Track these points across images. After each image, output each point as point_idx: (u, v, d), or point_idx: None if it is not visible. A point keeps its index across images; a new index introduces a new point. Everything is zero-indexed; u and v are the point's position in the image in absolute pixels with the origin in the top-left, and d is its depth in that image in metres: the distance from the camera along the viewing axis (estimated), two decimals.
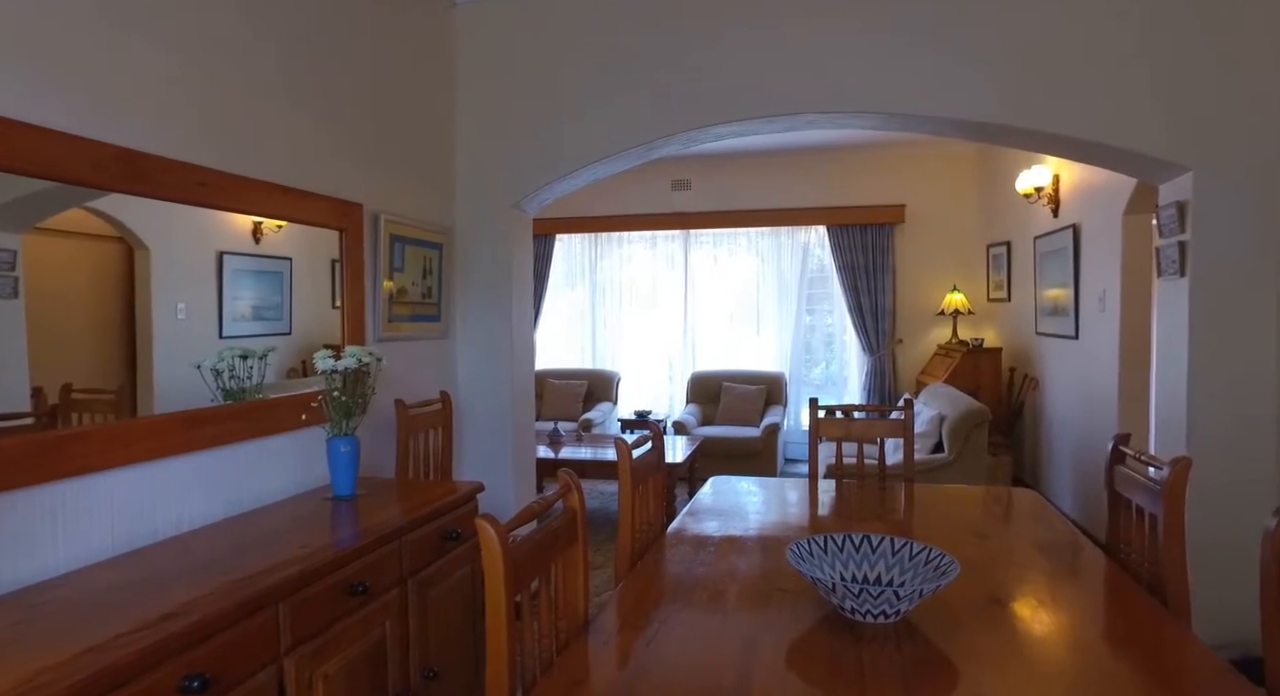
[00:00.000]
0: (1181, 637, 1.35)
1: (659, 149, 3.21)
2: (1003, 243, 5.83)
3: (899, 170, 6.48)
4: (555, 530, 1.34)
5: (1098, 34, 2.67)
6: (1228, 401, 2.61)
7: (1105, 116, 2.67)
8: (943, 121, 2.86)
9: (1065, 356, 4.61)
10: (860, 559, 1.57)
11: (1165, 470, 1.55)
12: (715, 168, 6.82)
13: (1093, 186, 4.13)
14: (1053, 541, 1.92)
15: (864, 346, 6.56)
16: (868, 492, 2.47)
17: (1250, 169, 2.56)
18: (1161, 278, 2.85)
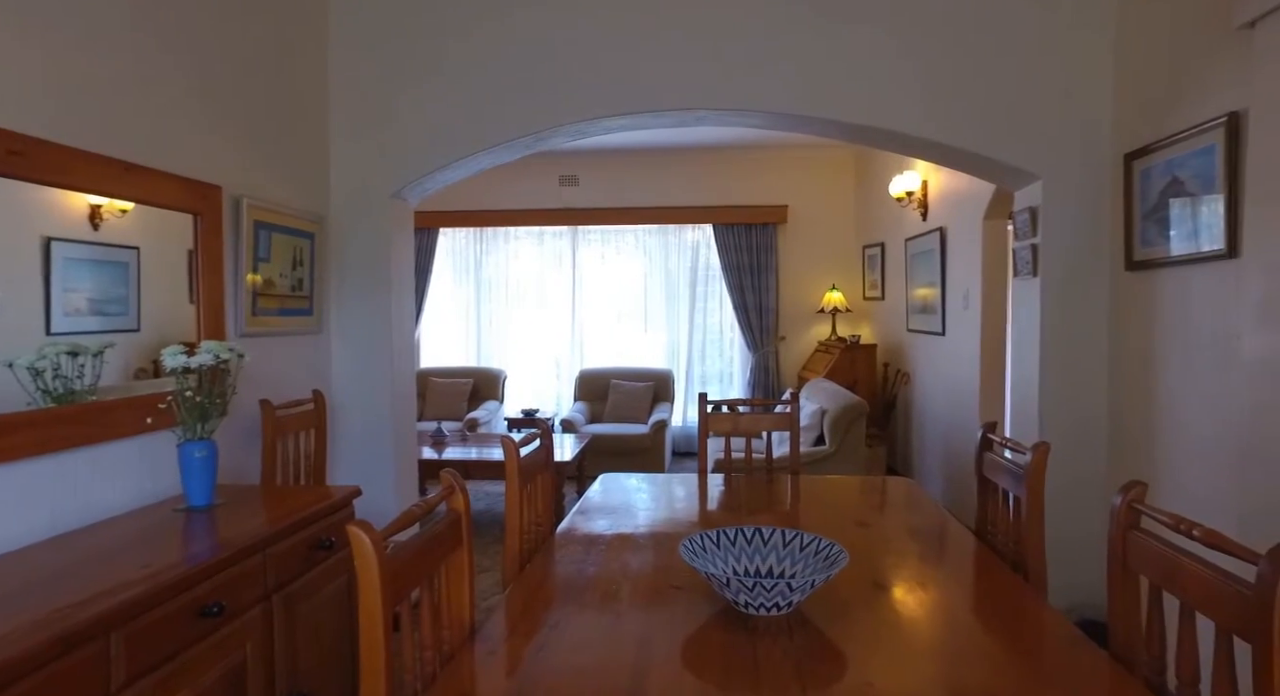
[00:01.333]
0: (1040, 610, 1.44)
1: (548, 139, 3.13)
2: (877, 244, 6.14)
3: (782, 172, 6.69)
4: (438, 534, 1.25)
5: (961, 58, 2.83)
6: (1071, 391, 2.84)
7: (973, 127, 2.84)
8: (828, 123, 2.95)
9: (934, 352, 4.91)
10: (752, 552, 1.57)
11: (1027, 455, 1.65)
12: (604, 164, 6.79)
13: (957, 192, 4.41)
14: (927, 526, 2.01)
15: (749, 343, 6.73)
16: (755, 485, 2.50)
17: (1085, 178, 2.80)
18: (1017, 277, 3.07)
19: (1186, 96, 2.38)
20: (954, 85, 2.84)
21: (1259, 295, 2.05)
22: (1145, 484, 1.22)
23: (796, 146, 6.45)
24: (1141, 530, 1.21)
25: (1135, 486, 1.22)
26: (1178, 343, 2.42)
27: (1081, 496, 2.78)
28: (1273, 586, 0.91)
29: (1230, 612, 0.99)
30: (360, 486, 2.34)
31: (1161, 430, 2.51)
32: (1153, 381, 2.55)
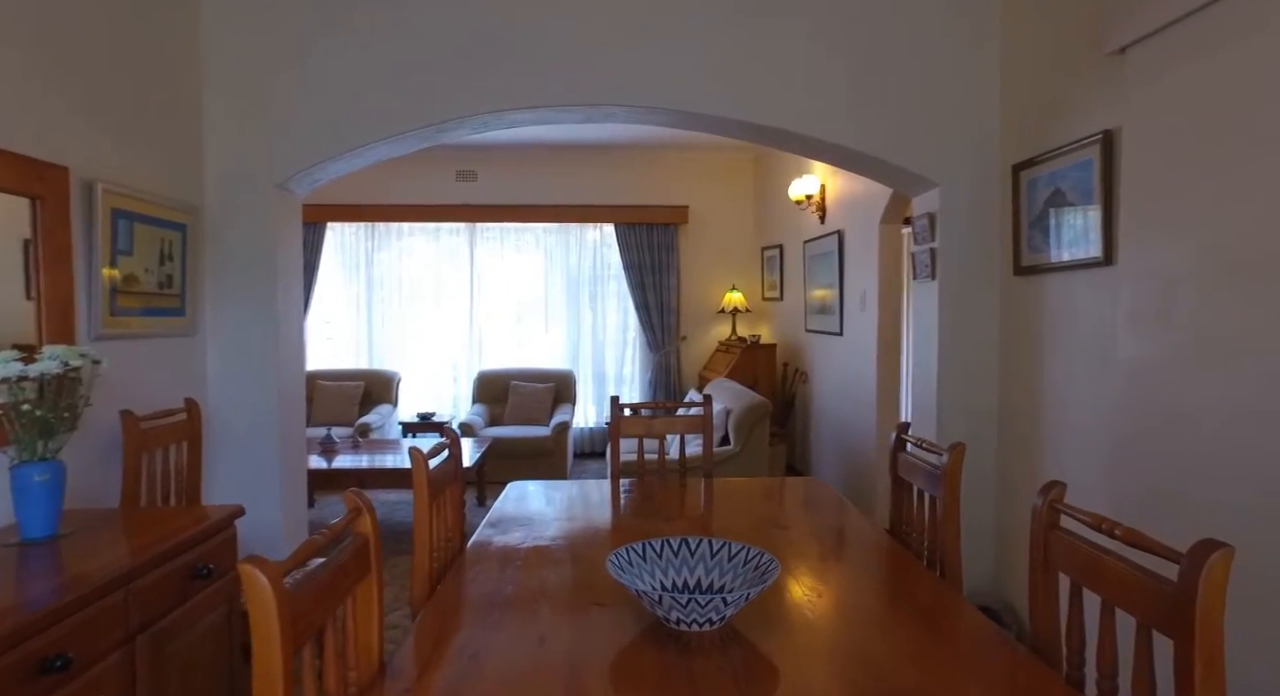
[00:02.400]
0: (962, 608, 1.46)
1: (451, 131, 2.97)
2: (776, 246, 6.28)
3: (683, 173, 6.73)
4: (344, 564, 1.12)
5: (869, 68, 2.91)
6: (965, 388, 2.98)
7: (878, 135, 2.91)
8: (740, 125, 2.95)
9: (832, 352, 5.06)
10: (679, 564, 1.52)
11: (944, 455, 1.69)
12: (502, 160, 6.61)
13: (854, 197, 4.56)
14: (844, 527, 2.03)
15: (650, 343, 6.73)
16: (670, 490, 2.46)
17: (979, 186, 2.94)
18: (916, 280, 3.19)
19: (1067, 114, 2.53)
20: (862, 93, 2.91)
21: (1132, 300, 2.20)
22: (1065, 484, 1.26)
23: (697, 148, 6.50)
24: (1061, 529, 1.25)
25: (1055, 487, 1.26)
26: (1061, 343, 2.58)
27: (974, 487, 2.91)
28: (1194, 583, 0.94)
29: (1151, 608, 1.02)
30: (243, 504, 2.13)
31: (1046, 424, 2.66)
32: (1038, 379, 2.70)
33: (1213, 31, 1.92)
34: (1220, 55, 1.89)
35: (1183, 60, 2.02)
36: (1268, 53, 1.75)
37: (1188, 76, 2.00)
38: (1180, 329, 2.01)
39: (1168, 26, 2.07)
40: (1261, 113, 1.78)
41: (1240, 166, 1.84)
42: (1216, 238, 1.91)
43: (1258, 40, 1.79)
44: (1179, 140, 2.04)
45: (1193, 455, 1.95)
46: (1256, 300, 1.77)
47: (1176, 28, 2.04)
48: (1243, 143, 1.84)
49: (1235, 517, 1.78)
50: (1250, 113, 1.81)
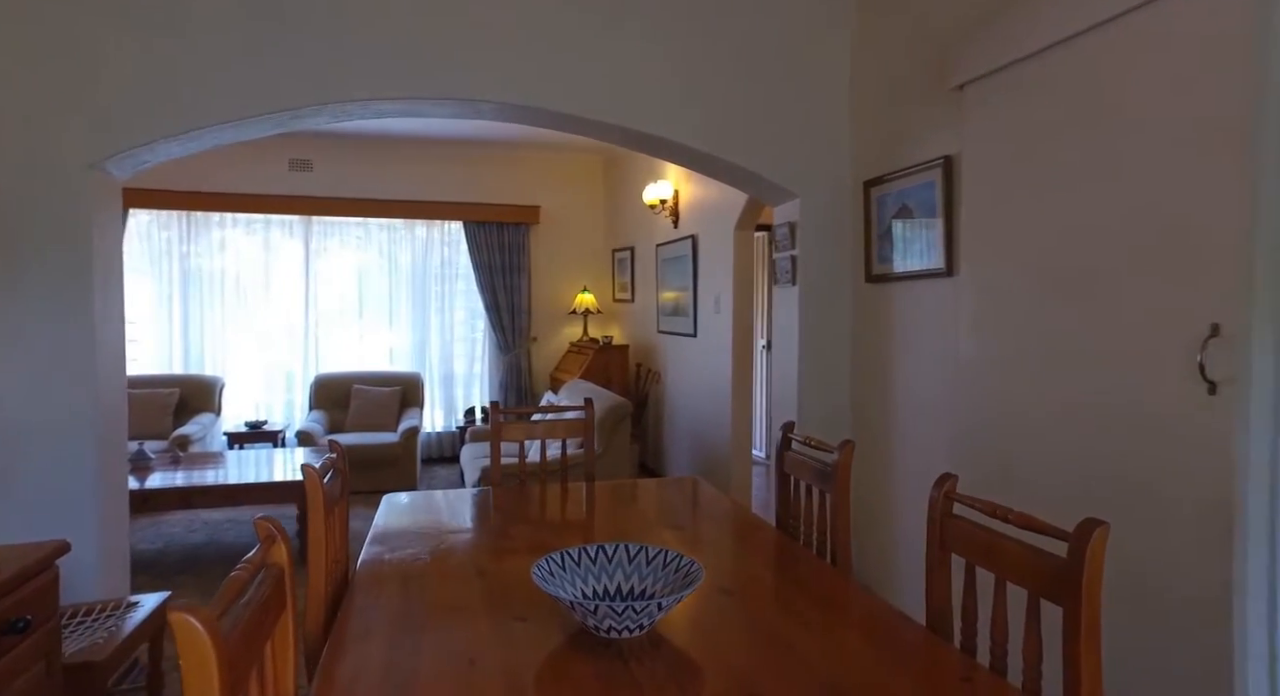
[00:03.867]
0: (859, 594, 1.59)
1: (308, 119, 2.74)
2: (627, 248, 6.40)
3: (535, 172, 6.66)
4: (265, 600, 1.00)
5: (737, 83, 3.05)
6: (823, 385, 3.21)
7: (743, 146, 3.06)
8: (617, 130, 2.97)
9: (685, 352, 5.24)
10: (599, 571, 1.52)
11: (834, 453, 1.81)
12: (342, 150, 6.19)
13: (708, 203, 4.75)
14: (735, 524, 2.12)
15: (500, 344, 6.60)
16: (555, 495, 2.44)
17: (835, 199, 3.19)
18: (778, 285, 3.39)
19: (913, 138, 2.81)
20: (730, 106, 3.04)
21: (971, 308, 2.49)
22: (957, 476, 1.41)
23: (548, 147, 6.47)
24: (955, 516, 1.39)
25: (949, 479, 1.40)
26: (909, 345, 2.85)
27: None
28: (1081, 556, 1.09)
29: (1041, 581, 1.17)
30: (68, 539, 1.83)
31: (895, 419, 2.94)
32: (889, 377, 2.98)
33: (1026, 78, 2.22)
34: (1033, 98, 2.19)
35: (1006, 100, 2.31)
36: (1066, 101, 2.05)
37: (1010, 114, 2.30)
38: (1011, 334, 2.31)
39: (994, 72, 2.36)
40: (1064, 150, 2.08)
41: (1052, 194, 2.14)
42: (1038, 255, 2.20)
43: (1058, 90, 2.09)
44: (1005, 168, 2.33)
45: (1021, 445, 2.25)
46: (1072, 311, 2.07)
47: (1001, 73, 2.33)
48: (1053, 174, 2.14)
49: (1057, 497, 2.07)
50: (1056, 149, 2.11)
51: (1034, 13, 2.18)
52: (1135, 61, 1.90)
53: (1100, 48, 1.99)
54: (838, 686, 1.18)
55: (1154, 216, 1.84)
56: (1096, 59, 2.00)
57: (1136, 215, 1.89)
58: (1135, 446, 1.87)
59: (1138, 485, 1.86)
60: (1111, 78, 1.96)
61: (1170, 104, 1.80)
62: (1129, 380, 1.89)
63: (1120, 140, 1.94)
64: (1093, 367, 2.00)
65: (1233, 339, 1.66)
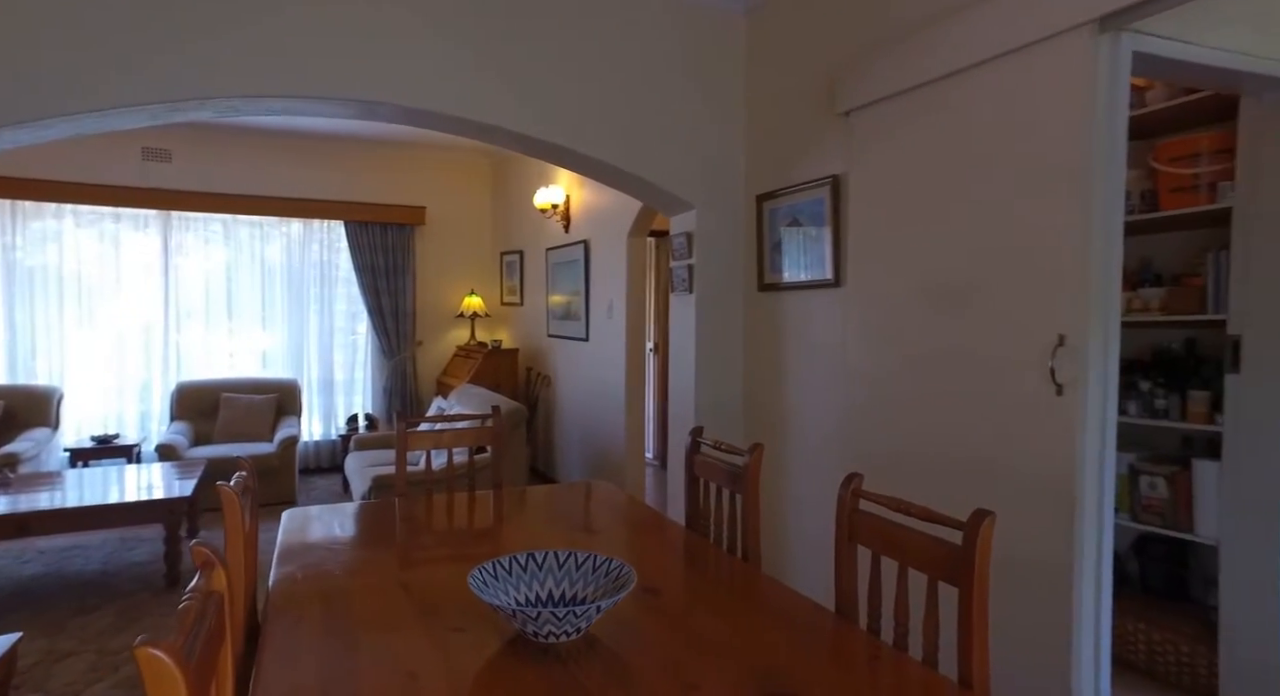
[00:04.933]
0: (769, 583, 1.70)
1: (189, 111, 2.56)
2: (516, 251, 6.36)
3: (420, 172, 6.49)
4: (211, 630, 0.97)
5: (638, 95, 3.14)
6: (718, 388, 3.37)
7: (642, 156, 3.16)
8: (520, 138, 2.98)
9: (577, 357, 5.28)
10: (530, 578, 1.55)
11: (745, 456, 1.93)
12: (206, 140, 5.76)
13: (601, 209, 4.83)
14: (649, 525, 2.20)
15: (384, 349, 6.38)
16: (461, 504, 2.42)
17: (729, 211, 3.35)
18: (674, 293, 3.51)
19: (804, 156, 3.00)
20: (630, 119, 3.13)
21: (857, 317, 2.71)
22: (863, 475, 1.55)
23: (435, 147, 6.32)
24: (861, 511, 1.53)
25: (855, 478, 1.54)
26: (801, 350, 3.05)
27: None
28: (974, 542, 1.25)
29: (940, 566, 1.33)
30: None
31: (787, 419, 3.13)
32: (781, 381, 3.17)
33: (903, 111, 2.45)
34: (910, 129, 2.42)
35: (887, 128, 2.54)
36: (937, 134, 2.29)
37: (891, 142, 2.52)
38: (893, 341, 2.53)
39: (876, 102, 2.58)
40: (938, 178, 2.32)
41: (928, 216, 2.38)
42: (916, 270, 2.44)
43: (930, 124, 2.33)
44: (887, 190, 2.56)
45: (904, 442, 2.47)
46: (946, 321, 2.31)
47: (882, 104, 2.56)
48: (928, 198, 2.38)
49: (936, 486, 2.30)
50: (931, 176, 2.35)
51: (904, 56, 2.41)
52: (989, 105, 2.15)
53: (961, 91, 2.24)
54: (764, 671, 1.28)
55: (1012, 241, 2.09)
56: (959, 100, 2.25)
57: (998, 239, 2.14)
58: (999, 440, 2.12)
59: (1001, 473, 2.11)
60: (972, 118, 2.21)
61: (1022, 145, 2.06)
62: (994, 383, 2.14)
63: (982, 173, 2.18)
64: (964, 372, 2.24)
65: (1074, 348, 1.92)
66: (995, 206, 2.14)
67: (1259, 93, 2.46)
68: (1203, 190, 2.69)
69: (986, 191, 2.17)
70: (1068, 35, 1.91)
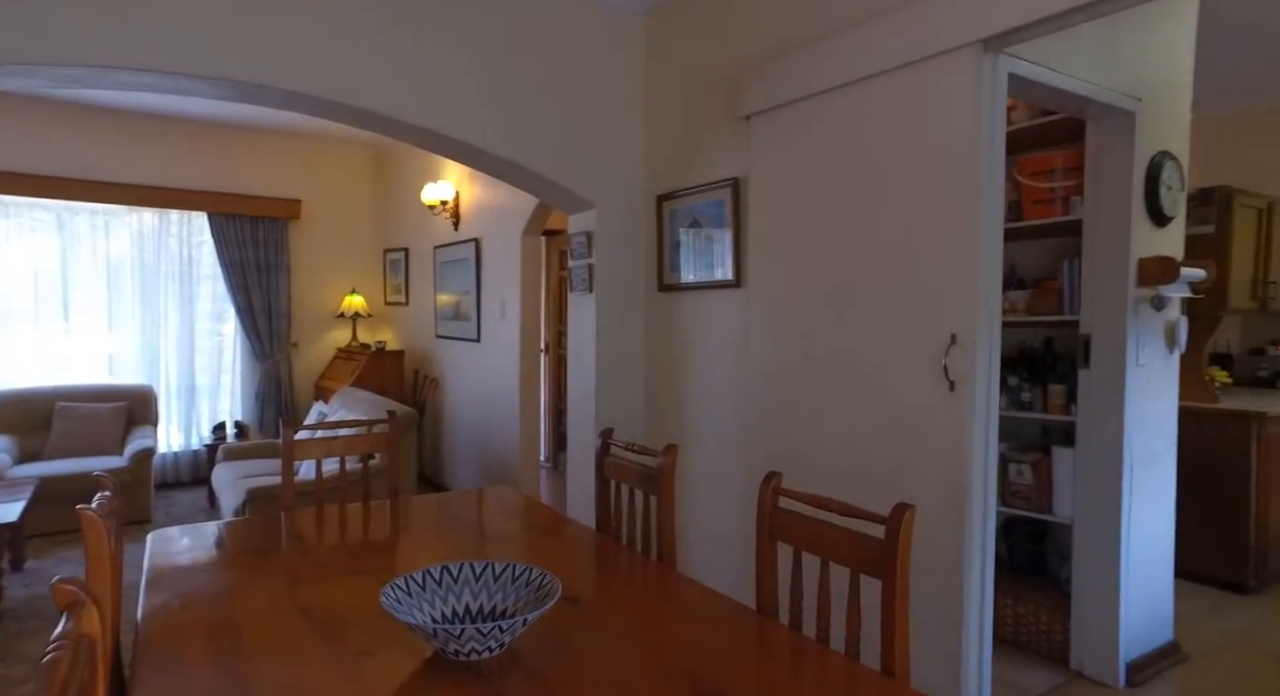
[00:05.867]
0: (686, 583, 1.70)
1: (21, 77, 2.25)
2: (401, 249, 6.09)
3: (295, 163, 6.07)
4: (84, 686, 0.83)
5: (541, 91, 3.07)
6: (619, 387, 3.35)
7: (543, 154, 3.09)
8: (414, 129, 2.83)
9: (468, 358, 5.12)
10: (445, 592, 1.46)
11: (659, 457, 1.92)
12: (38, 115, 5.12)
13: (493, 207, 4.70)
14: (557, 529, 2.14)
15: (255, 351, 5.93)
16: (355, 516, 2.27)
17: (629, 210, 3.34)
18: (574, 292, 3.46)
19: (704, 157, 3.04)
20: (530, 116, 3.05)
21: (758, 317, 2.77)
22: (782, 474, 1.57)
23: (310, 137, 5.94)
24: (781, 509, 1.56)
25: (775, 477, 1.56)
26: (702, 351, 3.09)
27: None
28: (896, 532, 1.29)
29: (862, 559, 1.36)
30: None
31: (689, 419, 3.16)
32: (682, 381, 3.19)
33: (803, 117, 2.53)
34: (809, 135, 2.51)
35: (787, 133, 2.61)
36: (835, 141, 2.39)
37: (791, 146, 2.60)
38: (793, 341, 2.61)
39: (776, 108, 2.65)
40: (836, 183, 2.42)
41: (826, 220, 2.47)
42: (816, 272, 2.52)
43: (828, 131, 2.43)
44: (787, 194, 2.63)
45: (804, 438, 2.55)
46: (845, 321, 2.40)
47: (782, 110, 2.63)
48: (827, 203, 2.47)
49: (836, 481, 2.39)
50: (830, 181, 2.45)
51: (804, 64, 2.49)
52: (885, 115, 2.26)
53: (859, 100, 2.34)
54: (691, 672, 1.27)
55: (907, 245, 2.21)
56: (857, 109, 2.35)
57: (894, 243, 2.25)
58: (896, 436, 2.23)
59: (899, 467, 2.22)
60: (869, 126, 2.31)
61: (915, 154, 2.18)
62: (891, 381, 2.24)
63: (879, 179, 2.29)
64: (863, 371, 2.34)
65: (965, 346, 2.05)
66: (891, 211, 2.25)
67: (1100, 118, 2.73)
68: (1058, 203, 2.96)
69: (883, 197, 2.28)
70: (957, 53, 2.03)
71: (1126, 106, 2.63)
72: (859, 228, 2.36)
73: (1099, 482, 2.74)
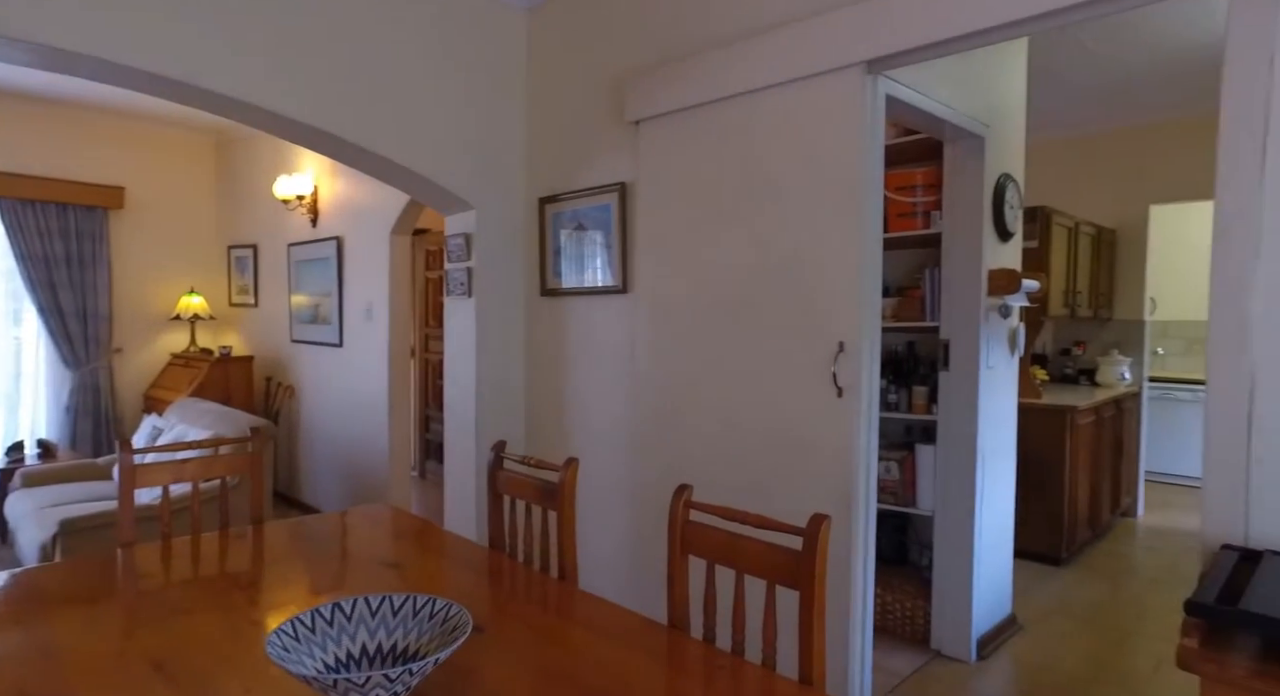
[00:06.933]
0: (593, 600, 1.65)
1: None
2: (249, 245, 5.58)
3: (117, 145, 5.39)
4: None
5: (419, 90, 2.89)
6: (499, 393, 3.24)
7: (421, 152, 2.92)
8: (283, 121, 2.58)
9: (329, 364, 4.77)
10: (338, 633, 1.32)
11: (560, 471, 1.85)
12: None
13: (359, 204, 4.40)
14: (448, 550, 2.02)
15: (66, 358, 5.21)
16: (210, 547, 2.03)
17: (510, 212, 3.24)
18: (450, 296, 3.30)
19: (590, 161, 2.99)
20: (408, 112, 2.88)
21: (646, 324, 2.76)
22: (692, 486, 1.56)
23: (138, 118, 5.31)
24: (692, 522, 1.54)
25: (685, 490, 1.55)
26: (587, 357, 3.04)
27: None
28: (814, 546, 1.31)
29: (779, 570, 1.38)
30: None
31: (573, 426, 3.10)
32: (566, 387, 3.13)
33: (692, 125, 2.56)
34: (699, 143, 2.54)
35: (677, 140, 2.63)
36: (725, 150, 2.43)
37: (680, 153, 2.62)
38: (682, 348, 2.62)
39: (666, 114, 2.66)
40: (725, 191, 2.46)
41: (716, 227, 2.50)
42: (705, 280, 2.55)
43: (717, 139, 2.47)
44: (675, 200, 2.64)
45: (694, 445, 2.57)
46: (734, 329, 2.44)
47: (672, 116, 2.64)
48: (716, 210, 2.50)
49: (727, 488, 2.43)
50: (718, 189, 2.48)
51: (696, 72, 2.51)
52: (776, 127, 2.32)
53: (750, 111, 2.39)
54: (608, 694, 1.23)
55: (796, 255, 2.28)
56: (748, 119, 2.40)
57: (783, 253, 2.31)
58: (786, 442, 2.29)
59: (788, 473, 2.28)
60: (760, 137, 2.37)
61: (804, 166, 2.25)
62: (782, 388, 2.30)
63: (767, 190, 2.35)
64: (753, 379, 2.39)
65: (852, 353, 2.14)
66: (781, 221, 2.31)
67: (956, 140, 2.96)
68: (919, 216, 3.18)
69: (773, 207, 2.34)
70: (844, 72, 2.12)
71: (978, 131, 2.87)
72: (749, 237, 2.41)
73: (957, 476, 2.97)
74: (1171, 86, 4.46)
